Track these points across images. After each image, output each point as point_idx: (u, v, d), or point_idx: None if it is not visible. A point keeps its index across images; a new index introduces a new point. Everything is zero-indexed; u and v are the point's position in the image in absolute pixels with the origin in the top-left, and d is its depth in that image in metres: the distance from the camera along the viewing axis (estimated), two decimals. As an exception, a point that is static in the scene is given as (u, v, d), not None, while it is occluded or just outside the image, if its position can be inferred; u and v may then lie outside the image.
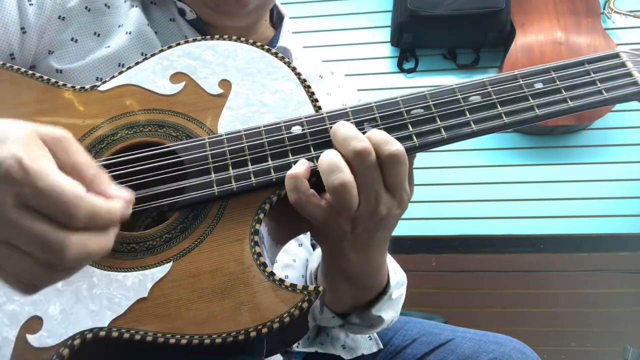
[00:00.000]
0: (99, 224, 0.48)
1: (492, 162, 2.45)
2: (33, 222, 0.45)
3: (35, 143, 0.47)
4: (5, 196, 0.44)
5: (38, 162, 0.45)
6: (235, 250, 0.58)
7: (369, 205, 0.60)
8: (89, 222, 0.47)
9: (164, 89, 0.68)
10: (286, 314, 0.54)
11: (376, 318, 0.78)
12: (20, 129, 0.47)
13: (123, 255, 0.59)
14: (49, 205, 0.45)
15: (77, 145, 0.50)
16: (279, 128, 0.63)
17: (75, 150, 0.49)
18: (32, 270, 0.46)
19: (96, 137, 0.66)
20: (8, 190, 0.44)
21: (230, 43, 0.70)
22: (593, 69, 0.65)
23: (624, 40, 2.42)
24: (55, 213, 0.45)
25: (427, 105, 0.64)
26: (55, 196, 0.45)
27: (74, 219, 0.46)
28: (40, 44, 0.79)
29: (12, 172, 0.44)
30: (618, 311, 2.26)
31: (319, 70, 1.00)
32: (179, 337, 0.53)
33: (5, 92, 0.69)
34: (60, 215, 0.46)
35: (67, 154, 0.48)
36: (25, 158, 0.44)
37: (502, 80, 0.65)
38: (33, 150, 0.46)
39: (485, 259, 2.37)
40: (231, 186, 0.61)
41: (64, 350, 0.53)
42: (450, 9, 2.34)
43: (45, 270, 0.47)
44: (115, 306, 0.56)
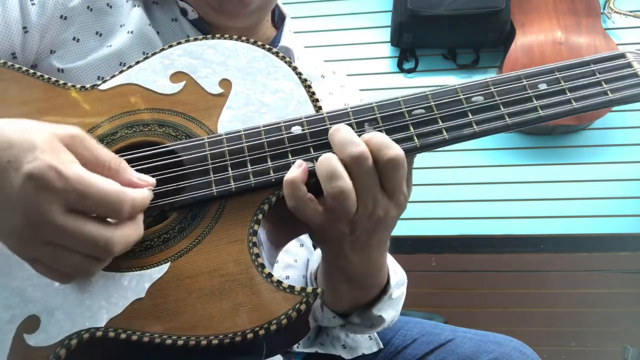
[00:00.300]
0: (137, 213, 0.54)
1: (492, 162, 2.44)
2: (81, 225, 0.49)
3: (59, 147, 0.50)
4: (50, 204, 0.48)
5: (73, 168, 0.49)
6: (234, 251, 0.58)
7: (366, 209, 0.59)
8: (132, 214, 0.53)
9: (164, 88, 0.68)
10: (284, 316, 0.54)
11: (377, 318, 0.77)
12: (39, 135, 0.50)
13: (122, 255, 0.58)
14: (95, 206, 0.49)
15: (93, 140, 0.53)
16: (279, 128, 0.63)
17: (92, 145, 0.53)
18: (80, 264, 0.51)
19: (96, 136, 0.66)
20: (52, 199, 0.48)
21: (231, 42, 0.70)
22: (599, 69, 0.65)
23: (624, 40, 2.42)
24: (102, 212, 0.50)
25: (428, 106, 0.63)
26: (101, 197, 0.49)
27: (121, 213, 0.51)
28: (42, 43, 0.79)
29: (54, 182, 0.47)
30: (618, 311, 2.26)
31: (321, 70, 1.00)
32: (176, 338, 0.53)
33: (6, 91, 0.69)
34: (108, 213, 0.51)
35: (87, 150, 0.52)
36: (60, 166, 0.48)
37: (506, 80, 0.64)
38: (63, 156, 0.49)
39: (485, 259, 2.37)
40: (230, 186, 0.60)
41: (60, 350, 0.53)
42: (450, 9, 2.34)
43: (92, 263, 0.52)
44: (113, 306, 0.55)
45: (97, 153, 0.53)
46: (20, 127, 0.51)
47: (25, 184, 0.47)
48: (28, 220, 0.48)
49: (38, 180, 0.47)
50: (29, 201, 0.48)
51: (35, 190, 0.47)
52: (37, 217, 0.48)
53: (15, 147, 0.49)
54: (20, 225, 0.48)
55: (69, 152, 0.50)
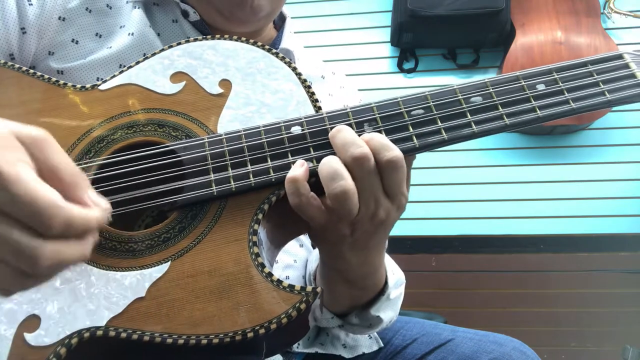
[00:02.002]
0: (75, 232, 0.47)
1: (492, 162, 2.44)
2: (7, 229, 0.44)
3: (12, 145, 0.45)
4: None
5: (14, 167, 0.43)
6: (234, 251, 0.58)
7: (368, 210, 0.59)
8: (65, 231, 0.46)
9: (164, 89, 0.68)
10: (284, 315, 0.54)
11: (375, 318, 0.78)
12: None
13: (121, 254, 0.58)
14: (24, 213, 0.44)
15: (56, 147, 0.48)
16: (279, 128, 0.63)
17: (54, 152, 0.47)
18: (4, 276, 0.45)
19: (96, 136, 0.66)
20: None
21: (231, 43, 0.70)
22: (596, 70, 0.65)
23: (624, 40, 2.42)
24: (30, 221, 0.44)
25: (427, 106, 0.63)
26: (31, 204, 0.43)
27: (49, 228, 0.45)
28: (40, 44, 0.79)
29: None
30: (618, 311, 2.26)
31: (321, 71, 1.00)
32: (176, 337, 0.53)
33: (6, 90, 0.69)
34: (36, 224, 0.44)
35: (45, 155, 0.47)
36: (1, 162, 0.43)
37: (504, 81, 0.65)
38: (9, 153, 0.44)
39: (485, 259, 2.37)
40: (230, 186, 0.61)
41: (61, 349, 0.53)
42: (450, 9, 2.34)
43: (18, 276, 0.46)
44: (113, 305, 0.55)
45: (55, 161, 0.47)
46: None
47: None
48: None
49: None
50: None
51: None
52: None
53: None
54: None
55: (24, 152, 0.46)
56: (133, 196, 0.61)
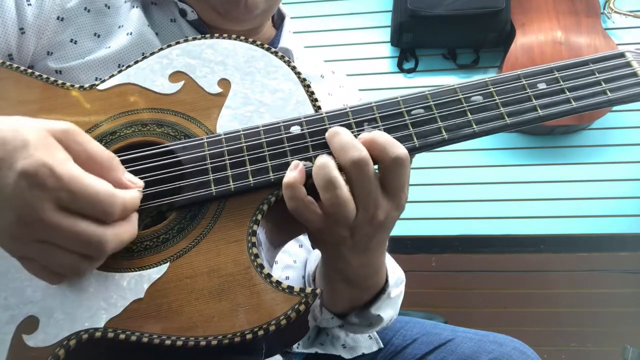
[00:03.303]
0: (128, 214, 0.54)
1: (492, 162, 2.44)
2: (74, 223, 0.49)
3: (52, 144, 0.50)
4: (43, 202, 0.48)
5: (67, 167, 0.49)
6: (233, 251, 0.57)
7: (367, 213, 0.59)
8: (122, 215, 0.53)
9: (163, 88, 0.68)
10: (283, 316, 0.54)
11: (375, 317, 0.77)
12: (33, 131, 0.49)
13: (120, 255, 0.58)
14: (86, 206, 0.49)
15: (85, 135, 0.53)
16: (278, 128, 0.63)
17: (85, 140, 0.52)
18: (72, 263, 0.51)
19: (95, 136, 0.66)
20: (45, 197, 0.48)
21: (230, 42, 0.69)
22: (597, 69, 0.64)
23: (624, 40, 2.42)
24: (92, 212, 0.50)
25: (428, 106, 0.63)
26: (92, 198, 0.49)
27: (111, 215, 0.51)
28: (38, 44, 0.78)
29: (46, 181, 0.47)
30: (618, 311, 2.26)
31: (320, 70, 1.00)
32: (175, 339, 0.53)
33: (5, 90, 0.69)
34: (98, 214, 0.50)
35: (79, 145, 0.52)
36: (54, 164, 0.48)
37: (505, 80, 0.64)
38: (57, 153, 0.49)
39: (485, 259, 2.37)
40: (229, 186, 0.60)
41: (59, 351, 0.53)
42: (450, 9, 2.34)
43: (84, 262, 0.52)
44: (112, 307, 0.55)
45: (90, 149, 0.52)
46: (14, 124, 0.50)
47: (18, 181, 0.47)
48: (20, 217, 0.48)
49: (31, 177, 0.47)
50: (21, 198, 0.47)
51: (28, 187, 0.47)
52: (29, 214, 0.48)
53: (9, 144, 0.49)
54: (13, 222, 0.48)
55: (62, 149, 0.50)
56: None
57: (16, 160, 0.48)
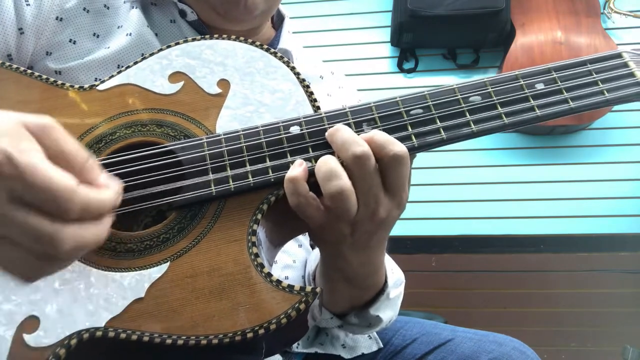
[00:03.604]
0: (92, 214, 0.48)
1: (492, 162, 2.44)
2: (27, 216, 0.45)
3: (22, 135, 0.46)
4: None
5: (27, 156, 0.45)
6: (233, 251, 0.58)
7: (368, 209, 0.59)
8: (83, 214, 0.47)
9: (163, 89, 0.68)
10: (283, 315, 0.54)
11: (374, 318, 0.77)
12: (5, 121, 0.46)
13: (120, 255, 0.58)
14: (41, 199, 0.45)
15: (64, 133, 0.49)
16: (277, 128, 0.63)
17: (62, 138, 0.49)
18: (27, 261, 0.47)
19: (94, 136, 0.66)
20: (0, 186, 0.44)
21: (229, 42, 0.70)
22: (595, 69, 0.65)
23: (624, 40, 2.42)
24: (48, 207, 0.45)
25: (426, 106, 0.63)
26: (47, 190, 0.45)
27: (67, 212, 0.46)
28: (37, 44, 0.78)
29: (2, 168, 0.44)
30: (618, 311, 2.26)
31: (320, 71, 1.00)
32: (176, 338, 0.53)
33: (4, 91, 0.69)
34: (54, 209, 0.45)
35: (54, 142, 0.48)
36: (14, 152, 0.44)
37: (503, 80, 0.64)
38: (21, 143, 0.45)
39: (485, 259, 2.37)
40: (229, 186, 0.60)
41: (60, 350, 0.53)
42: (450, 9, 2.34)
43: (40, 261, 0.47)
44: (112, 306, 0.55)
45: (64, 146, 0.49)
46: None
47: None
48: None
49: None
50: None
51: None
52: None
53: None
54: None
55: (33, 140, 0.47)
56: (132, 196, 0.61)
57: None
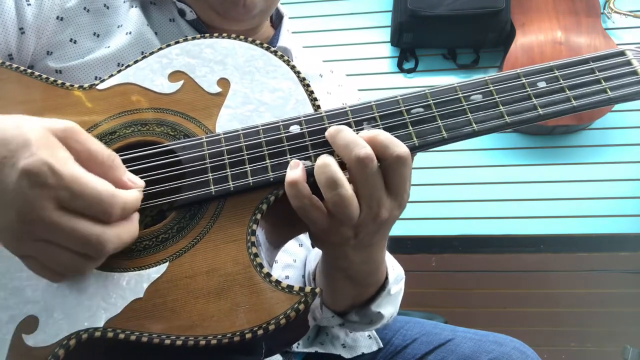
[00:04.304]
0: (128, 215, 0.54)
1: (492, 162, 2.44)
2: (74, 222, 0.49)
3: (54, 144, 0.50)
4: (43, 200, 0.48)
5: (68, 166, 0.49)
6: (232, 251, 0.57)
7: (371, 211, 0.59)
8: (122, 215, 0.53)
9: (163, 88, 0.68)
10: (282, 316, 0.53)
11: (376, 314, 0.77)
12: (34, 131, 0.50)
13: (119, 255, 0.58)
14: (87, 206, 0.50)
15: (86, 134, 0.53)
16: (277, 127, 0.63)
17: (86, 139, 0.53)
18: (71, 262, 0.51)
19: (94, 135, 0.65)
20: (46, 195, 0.48)
21: (229, 41, 0.69)
22: (598, 67, 0.64)
23: (624, 40, 2.42)
24: (93, 212, 0.50)
25: (427, 104, 0.63)
26: (93, 198, 0.49)
27: (111, 215, 0.51)
28: (38, 44, 0.78)
29: (47, 180, 0.47)
30: (618, 311, 2.26)
31: (319, 69, 1.00)
32: (174, 338, 0.53)
33: (5, 90, 0.69)
34: (98, 213, 0.50)
35: (80, 144, 0.52)
36: (55, 164, 0.48)
37: (505, 78, 0.64)
38: (58, 152, 0.49)
39: (485, 259, 2.37)
40: (228, 185, 0.60)
41: (59, 351, 0.53)
42: (450, 9, 2.34)
43: (84, 261, 0.52)
44: (111, 306, 0.55)
45: (91, 147, 0.53)
46: (16, 123, 0.51)
47: (20, 180, 0.47)
48: (21, 216, 0.48)
49: (32, 176, 0.47)
50: (22, 197, 0.48)
51: (29, 186, 0.47)
52: (29, 213, 0.48)
53: (11, 143, 0.49)
54: (14, 220, 0.48)
55: (63, 148, 0.50)
56: None
57: (18, 159, 0.48)
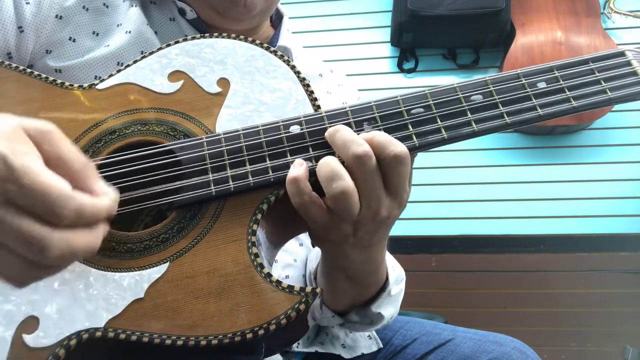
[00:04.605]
0: (85, 221, 0.48)
1: (492, 162, 2.44)
2: (17, 219, 0.44)
3: (20, 138, 0.46)
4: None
5: (23, 159, 0.44)
6: (232, 251, 0.57)
7: (370, 209, 0.59)
8: (76, 220, 0.47)
9: (162, 88, 0.68)
10: (283, 316, 0.54)
11: (376, 315, 0.77)
12: (4, 124, 0.46)
13: (120, 255, 0.58)
14: (34, 203, 0.44)
15: (63, 139, 0.49)
16: (278, 127, 0.63)
17: (60, 143, 0.48)
18: (16, 266, 0.46)
19: (94, 135, 0.66)
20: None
21: (229, 41, 0.69)
22: (597, 67, 0.64)
23: (624, 40, 2.42)
24: (40, 211, 0.45)
25: (427, 105, 0.63)
26: (41, 194, 0.44)
27: (60, 217, 0.46)
28: (37, 43, 0.78)
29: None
30: (618, 311, 2.26)
31: (319, 69, 1.00)
32: (175, 338, 0.53)
33: (4, 90, 0.69)
34: (46, 213, 0.45)
35: (52, 147, 0.48)
36: (9, 154, 0.44)
37: (505, 79, 0.64)
38: (18, 145, 0.45)
39: (485, 259, 2.37)
40: (228, 186, 0.60)
41: (59, 351, 0.53)
42: (450, 9, 2.34)
43: (29, 267, 0.46)
44: (112, 306, 0.55)
45: (63, 152, 0.49)
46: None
47: None
48: None
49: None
50: None
51: None
52: None
53: None
54: None
55: (30, 144, 0.47)
56: (132, 196, 0.61)
57: None
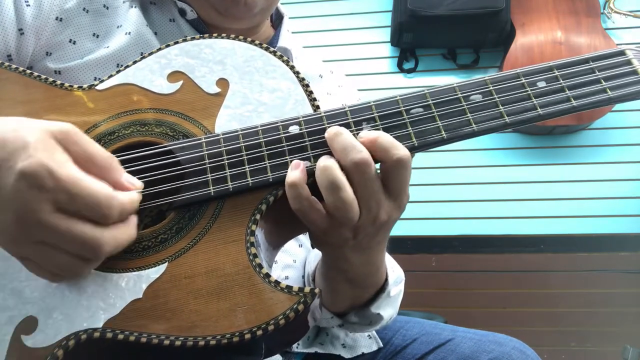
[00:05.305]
0: (126, 217, 0.54)
1: (492, 162, 2.44)
2: (72, 225, 0.49)
3: (53, 146, 0.50)
4: (41, 203, 0.48)
5: (66, 169, 0.49)
6: (231, 251, 0.57)
7: (370, 213, 0.59)
8: (120, 218, 0.53)
9: (162, 88, 0.68)
10: (281, 316, 0.53)
11: (375, 316, 0.77)
12: (33, 132, 0.50)
13: (118, 255, 0.58)
14: (84, 208, 0.50)
15: (84, 136, 0.53)
16: (277, 127, 0.63)
17: (84, 141, 0.53)
18: (68, 264, 0.51)
19: (93, 136, 0.66)
20: (44, 198, 0.48)
21: (229, 41, 0.69)
22: (598, 67, 0.64)
23: (624, 40, 2.42)
24: (90, 214, 0.50)
25: (426, 104, 0.63)
26: (90, 200, 0.49)
27: (108, 217, 0.51)
28: (37, 45, 0.78)
29: (45, 182, 0.47)
30: (618, 311, 2.26)
31: (319, 70, 1.00)
32: (173, 339, 0.53)
33: (4, 91, 0.69)
34: (96, 216, 0.50)
35: (78, 146, 0.52)
36: (54, 166, 0.48)
37: (504, 78, 0.64)
38: (56, 155, 0.49)
39: (485, 259, 2.37)
40: (227, 186, 0.60)
41: (58, 351, 0.53)
42: (450, 9, 2.34)
43: (81, 263, 0.52)
44: (110, 307, 0.55)
45: (89, 150, 0.53)
46: (14, 125, 0.51)
47: (18, 182, 0.47)
48: (19, 218, 0.48)
49: (30, 178, 0.47)
50: (20, 199, 0.48)
51: (27, 188, 0.47)
52: (27, 215, 0.48)
53: (9, 145, 0.49)
54: (12, 223, 0.49)
55: (62, 150, 0.50)
56: None
57: (16, 162, 0.48)
